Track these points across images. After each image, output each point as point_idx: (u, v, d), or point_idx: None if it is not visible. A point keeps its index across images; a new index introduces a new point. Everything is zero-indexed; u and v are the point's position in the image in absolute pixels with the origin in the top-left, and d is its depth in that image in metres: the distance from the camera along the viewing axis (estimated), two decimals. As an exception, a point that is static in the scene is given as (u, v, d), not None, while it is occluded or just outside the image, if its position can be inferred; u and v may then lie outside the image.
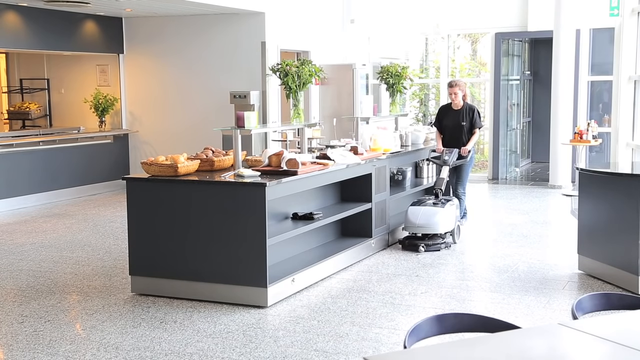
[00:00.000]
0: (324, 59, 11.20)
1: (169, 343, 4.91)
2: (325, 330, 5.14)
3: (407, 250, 7.48)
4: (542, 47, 15.18)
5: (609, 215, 6.30)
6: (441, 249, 7.51)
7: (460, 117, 8.48)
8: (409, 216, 7.60)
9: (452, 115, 8.56)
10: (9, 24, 10.58)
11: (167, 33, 11.80)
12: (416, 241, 7.50)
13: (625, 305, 3.15)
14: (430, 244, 7.47)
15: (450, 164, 8.16)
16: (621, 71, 11.78)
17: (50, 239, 8.22)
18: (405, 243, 7.60)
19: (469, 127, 8.48)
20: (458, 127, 8.49)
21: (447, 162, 8.16)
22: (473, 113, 8.47)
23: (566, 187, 11.98)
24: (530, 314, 5.53)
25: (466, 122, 8.46)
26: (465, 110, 8.49)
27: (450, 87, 8.54)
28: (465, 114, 8.48)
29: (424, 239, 7.53)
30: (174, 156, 6.00)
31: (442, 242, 7.54)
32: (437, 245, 7.50)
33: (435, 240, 7.52)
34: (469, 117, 8.46)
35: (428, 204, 7.67)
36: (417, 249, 7.43)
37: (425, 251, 7.40)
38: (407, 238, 7.66)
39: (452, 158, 8.19)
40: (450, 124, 8.54)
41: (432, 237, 7.55)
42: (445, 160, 8.19)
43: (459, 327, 2.94)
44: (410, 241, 7.55)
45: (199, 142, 10.28)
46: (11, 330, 5.20)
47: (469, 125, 8.48)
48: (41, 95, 12.81)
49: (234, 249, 5.68)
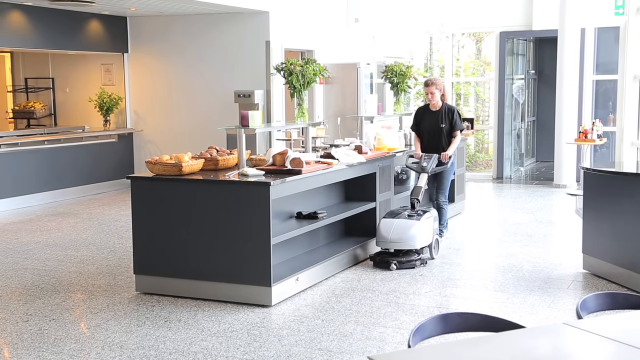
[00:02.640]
0: (328, 58, 11.19)
1: (173, 342, 4.91)
2: (329, 330, 5.14)
3: (378, 268, 6.75)
4: (546, 46, 15.16)
5: (613, 215, 6.29)
6: (416, 266, 6.75)
7: (439, 119, 7.74)
8: (380, 230, 6.87)
9: (430, 117, 7.81)
10: (14, 23, 10.60)
11: (171, 32, 11.81)
12: (388, 257, 6.74)
13: (630, 305, 3.14)
14: (404, 261, 6.71)
15: (429, 170, 7.43)
16: (626, 70, 11.75)
17: (55, 238, 8.24)
18: (376, 259, 6.84)
19: (449, 130, 7.74)
20: (437, 130, 7.75)
21: (426, 169, 7.42)
22: (453, 114, 7.72)
23: (571, 186, 11.96)
24: (534, 313, 5.52)
25: (445, 124, 7.72)
26: (444, 112, 7.74)
27: (426, 86, 7.77)
28: (444, 115, 7.73)
29: (398, 254, 6.79)
30: (179, 155, 6.00)
31: (417, 258, 6.78)
32: (412, 262, 6.74)
33: (410, 257, 6.77)
34: (448, 119, 7.72)
35: (402, 216, 6.93)
36: (389, 266, 6.67)
37: (397, 269, 6.67)
38: (378, 254, 6.91)
39: (431, 164, 7.46)
40: (429, 126, 7.80)
41: (406, 253, 6.80)
42: (423, 166, 7.44)
43: (464, 327, 2.94)
44: (382, 257, 6.79)
45: (203, 141, 10.29)
46: (16, 328, 5.21)
47: (448, 128, 7.73)
48: (46, 94, 12.83)
49: (238, 248, 5.69)
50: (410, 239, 6.75)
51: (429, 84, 7.73)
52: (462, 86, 15.24)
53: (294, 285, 5.94)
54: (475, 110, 15.35)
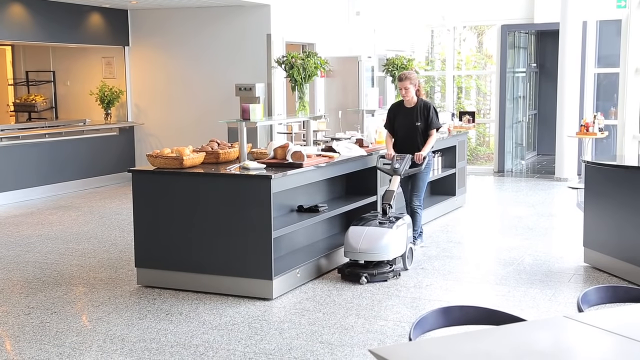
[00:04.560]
0: (329, 51, 11.18)
1: (174, 335, 4.92)
2: (330, 323, 5.14)
3: (348, 281, 6.13)
4: (548, 39, 15.13)
5: (615, 208, 6.29)
6: (389, 278, 6.15)
7: (414, 117, 7.07)
8: (349, 239, 6.24)
9: (404, 114, 7.13)
10: (15, 16, 10.59)
11: (172, 25, 11.79)
12: (358, 270, 6.11)
13: (631, 298, 3.14)
14: (376, 274, 6.09)
15: (401, 172, 6.82)
16: (628, 63, 11.73)
17: (57, 231, 8.25)
18: (345, 272, 6.18)
19: (425, 128, 7.08)
20: (412, 128, 7.07)
21: (398, 171, 6.80)
22: (429, 111, 7.05)
23: (572, 179, 11.95)
24: (535, 306, 5.52)
25: (421, 122, 7.05)
26: (420, 108, 7.07)
27: (399, 81, 7.12)
28: (420, 112, 7.06)
29: (368, 266, 6.19)
30: (180, 148, 6.00)
31: (389, 270, 6.18)
32: (384, 274, 6.13)
33: (382, 269, 6.16)
34: (423, 117, 7.05)
35: (373, 224, 6.32)
36: (359, 279, 6.05)
37: (368, 282, 6.06)
38: (347, 265, 6.26)
39: (404, 166, 6.84)
40: (403, 124, 7.12)
41: (377, 264, 6.20)
42: (395, 168, 6.82)
43: (465, 320, 2.95)
44: (352, 270, 6.14)
45: (204, 134, 10.28)
46: (18, 321, 5.22)
47: (424, 126, 7.07)
48: (47, 87, 12.82)
49: (239, 242, 5.69)
50: (381, 249, 6.15)
51: (402, 78, 7.09)
52: (464, 79, 15.22)
53: (295, 278, 5.95)
54: (477, 104, 15.34)
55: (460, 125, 10.36)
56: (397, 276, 6.24)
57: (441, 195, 9.29)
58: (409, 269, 6.50)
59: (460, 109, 13.13)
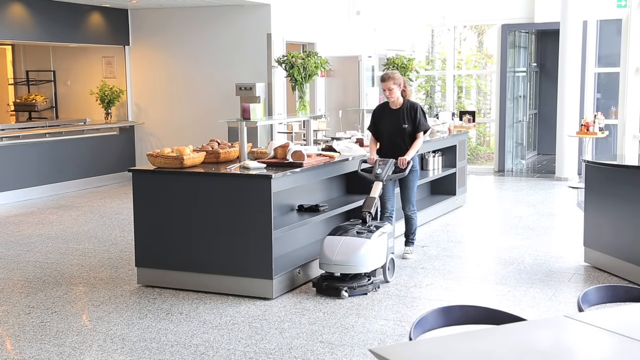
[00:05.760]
0: (329, 50, 11.18)
1: (175, 334, 4.92)
2: (330, 322, 5.15)
3: (325, 296, 5.70)
4: (548, 38, 15.12)
5: (615, 208, 6.29)
6: (368, 291, 5.78)
7: (401, 119, 6.63)
8: (324, 249, 5.81)
9: (390, 116, 6.70)
10: (15, 15, 10.59)
11: (172, 25, 11.79)
12: (337, 283, 5.70)
13: (631, 298, 3.14)
14: (356, 287, 5.70)
15: (383, 178, 6.36)
16: (628, 63, 11.73)
17: (57, 231, 8.25)
18: (321, 286, 5.74)
19: (412, 131, 6.65)
20: (398, 131, 6.64)
21: (380, 177, 6.35)
22: (416, 113, 6.62)
23: (572, 179, 11.95)
24: (536, 306, 5.52)
25: (408, 124, 6.62)
26: (406, 110, 6.65)
27: (382, 81, 6.65)
28: (406, 114, 6.63)
29: (345, 279, 5.77)
30: (180, 148, 6.00)
31: (369, 282, 5.79)
32: (364, 287, 5.74)
33: (361, 281, 5.75)
34: (410, 118, 6.62)
35: (351, 234, 5.90)
36: (339, 294, 5.65)
37: (349, 296, 5.68)
38: (323, 278, 5.81)
39: (387, 171, 6.39)
40: (389, 127, 6.69)
41: (355, 277, 5.79)
42: (377, 174, 6.36)
43: (465, 319, 2.95)
44: (330, 283, 5.72)
45: (204, 134, 10.29)
46: (18, 321, 5.22)
47: (411, 129, 6.63)
48: (47, 87, 12.83)
49: (239, 241, 5.69)
50: (358, 260, 5.72)
51: (385, 78, 6.62)
52: (464, 79, 15.22)
53: (296, 278, 5.95)
54: (477, 103, 15.34)
55: (460, 124, 10.36)
56: (376, 289, 5.84)
57: (441, 194, 9.30)
58: (390, 281, 6.09)
59: (460, 109, 13.14)
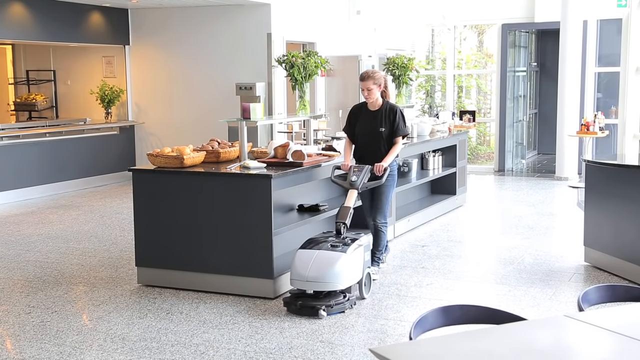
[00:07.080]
0: (330, 50, 11.17)
1: (175, 334, 4.93)
2: (330, 322, 5.14)
3: (300, 316, 5.23)
4: (549, 38, 15.12)
5: (615, 207, 6.29)
6: (346, 309, 5.34)
7: (378, 121, 6.13)
8: (296, 264, 5.38)
9: (367, 117, 6.20)
10: (15, 15, 10.59)
11: (173, 24, 11.79)
12: (312, 302, 5.23)
13: (631, 297, 3.14)
14: (333, 305, 5.24)
15: (358, 186, 5.90)
16: (628, 62, 11.73)
17: (57, 230, 8.25)
18: (295, 304, 5.25)
19: (389, 135, 6.13)
20: (374, 134, 6.13)
21: (355, 184, 5.88)
22: (395, 115, 6.09)
23: (573, 179, 11.95)
24: (536, 305, 5.52)
25: (385, 127, 6.10)
26: (385, 112, 6.13)
27: (361, 80, 6.11)
28: (385, 116, 6.12)
29: (319, 296, 5.31)
30: (180, 147, 6.00)
31: (345, 299, 5.35)
32: (341, 304, 5.30)
33: (337, 298, 5.31)
34: (389, 121, 6.10)
35: (324, 247, 5.45)
36: (317, 313, 5.19)
37: (327, 315, 5.22)
38: (296, 296, 5.34)
39: (362, 178, 5.92)
40: (365, 130, 6.18)
41: (329, 294, 5.34)
42: (352, 181, 5.89)
43: (465, 319, 2.95)
44: (304, 302, 5.23)
45: (204, 133, 10.28)
46: (18, 320, 5.22)
47: (388, 132, 6.11)
48: (47, 86, 12.82)
49: (240, 241, 5.69)
50: (333, 277, 5.28)
51: (364, 77, 6.10)
52: (464, 78, 15.22)
53: (296, 277, 5.94)
54: (477, 103, 15.34)
55: (460, 124, 10.36)
56: (352, 306, 5.42)
57: (441, 194, 9.30)
58: (366, 297, 5.66)
59: (460, 108, 13.14)
